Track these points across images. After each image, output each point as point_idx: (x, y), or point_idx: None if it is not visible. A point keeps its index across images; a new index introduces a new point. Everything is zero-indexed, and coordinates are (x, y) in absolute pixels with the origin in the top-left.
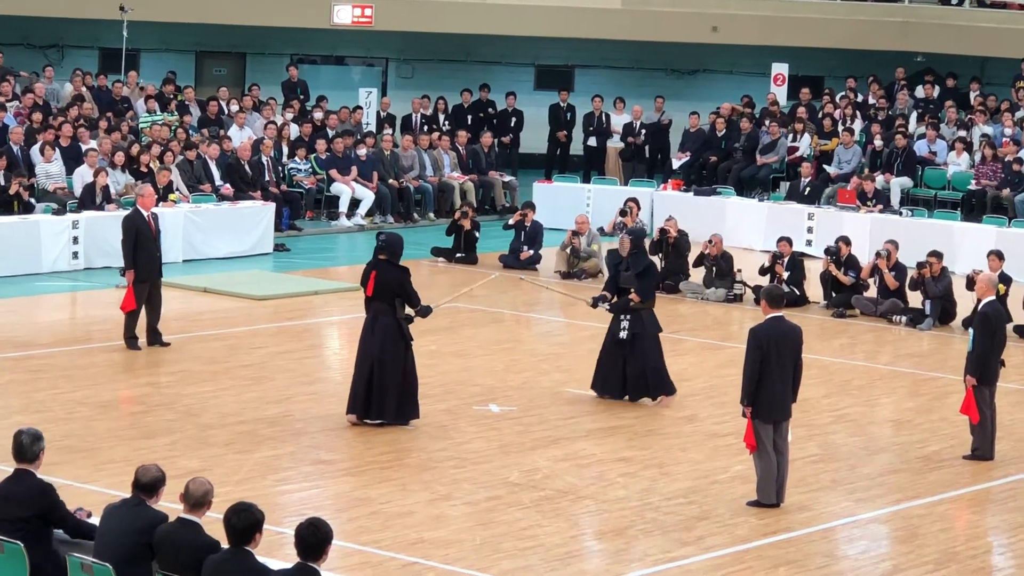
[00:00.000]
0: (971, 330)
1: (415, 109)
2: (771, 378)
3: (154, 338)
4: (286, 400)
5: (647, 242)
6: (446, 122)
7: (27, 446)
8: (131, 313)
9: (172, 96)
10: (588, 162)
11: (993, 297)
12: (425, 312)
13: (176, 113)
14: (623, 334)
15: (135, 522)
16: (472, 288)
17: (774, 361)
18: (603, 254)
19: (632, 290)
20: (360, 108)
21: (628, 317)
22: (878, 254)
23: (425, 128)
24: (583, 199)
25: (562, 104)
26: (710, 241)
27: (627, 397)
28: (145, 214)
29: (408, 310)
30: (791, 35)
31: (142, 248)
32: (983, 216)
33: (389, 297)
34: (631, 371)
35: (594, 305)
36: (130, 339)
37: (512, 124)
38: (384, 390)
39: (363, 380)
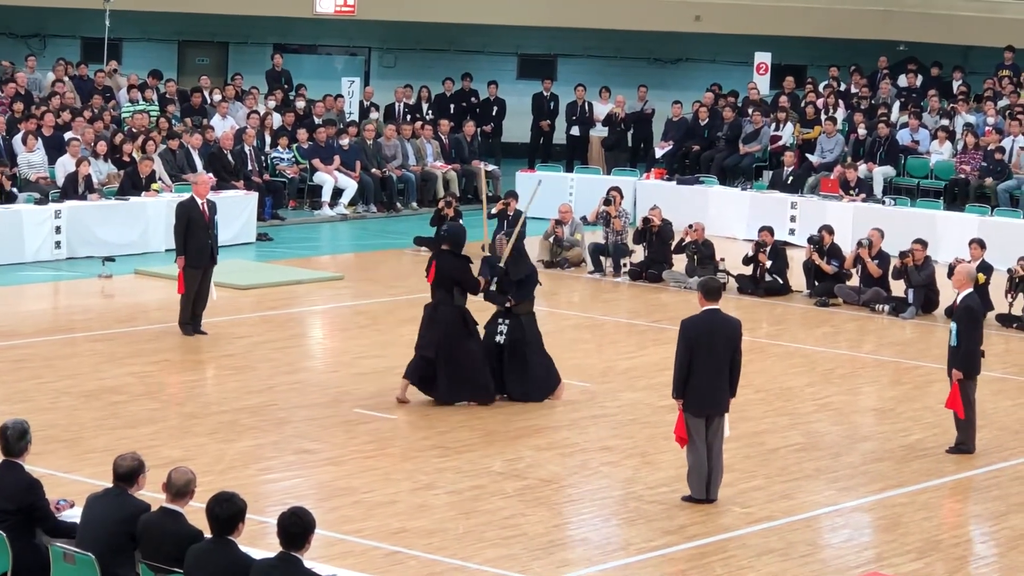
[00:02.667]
0: (953, 324)
1: (398, 98)
2: (701, 372)
3: (196, 325)
4: (269, 390)
5: (631, 231)
6: (429, 111)
7: (13, 442)
8: (184, 297)
9: (154, 88)
10: (571, 151)
11: (971, 289)
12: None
13: (155, 103)
14: (499, 338)
15: (117, 512)
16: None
17: (704, 354)
18: (586, 243)
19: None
20: (342, 97)
21: (506, 322)
22: (860, 243)
23: (408, 118)
24: (566, 188)
25: (545, 93)
26: (691, 227)
27: (506, 396)
28: (199, 202)
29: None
30: (774, 24)
31: (193, 235)
32: (965, 205)
33: (448, 285)
34: (510, 376)
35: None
36: (184, 325)
37: (494, 113)
38: (450, 372)
39: (428, 360)
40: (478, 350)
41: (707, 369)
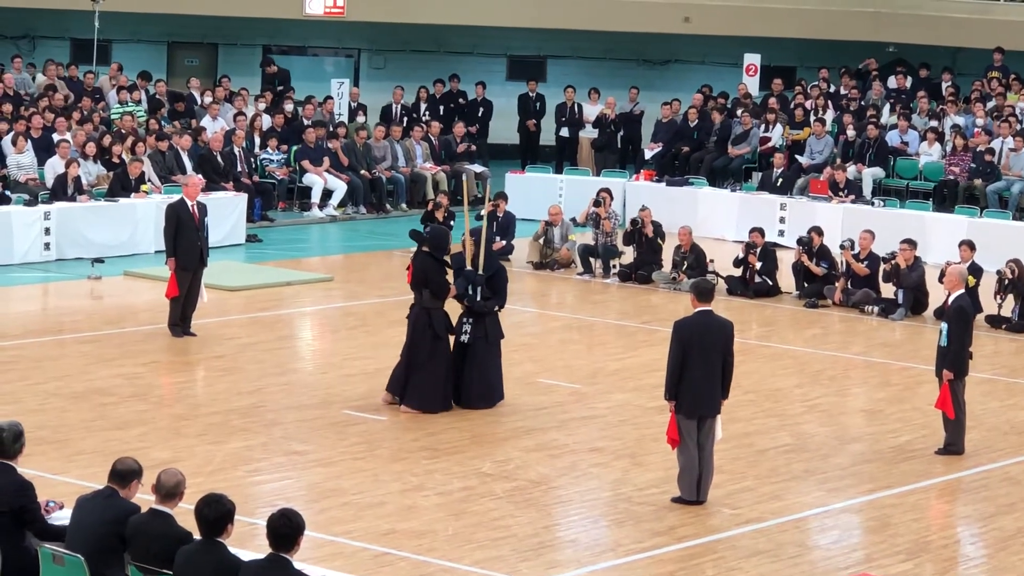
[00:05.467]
0: (944, 324)
1: (396, 100)
2: (693, 373)
3: (185, 326)
4: (258, 391)
5: (621, 232)
6: (426, 112)
7: (8, 444)
8: (175, 300)
9: (143, 89)
10: (560, 152)
11: (963, 290)
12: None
13: (142, 104)
14: (464, 338)
15: (107, 513)
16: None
17: (697, 356)
18: (576, 244)
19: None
20: (331, 99)
21: (470, 320)
22: (842, 245)
23: (405, 120)
24: (555, 189)
25: (531, 94)
26: (679, 246)
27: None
28: (189, 203)
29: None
30: (763, 26)
31: (183, 237)
32: (955, 206)
33: (421, 287)
34: (472, 378)
35: (462, 299)
36: (173, 326)
37: (480, 114)
38: (410, 375)
39: (403, 364)
40: (440, 357)
41: (700, 371)
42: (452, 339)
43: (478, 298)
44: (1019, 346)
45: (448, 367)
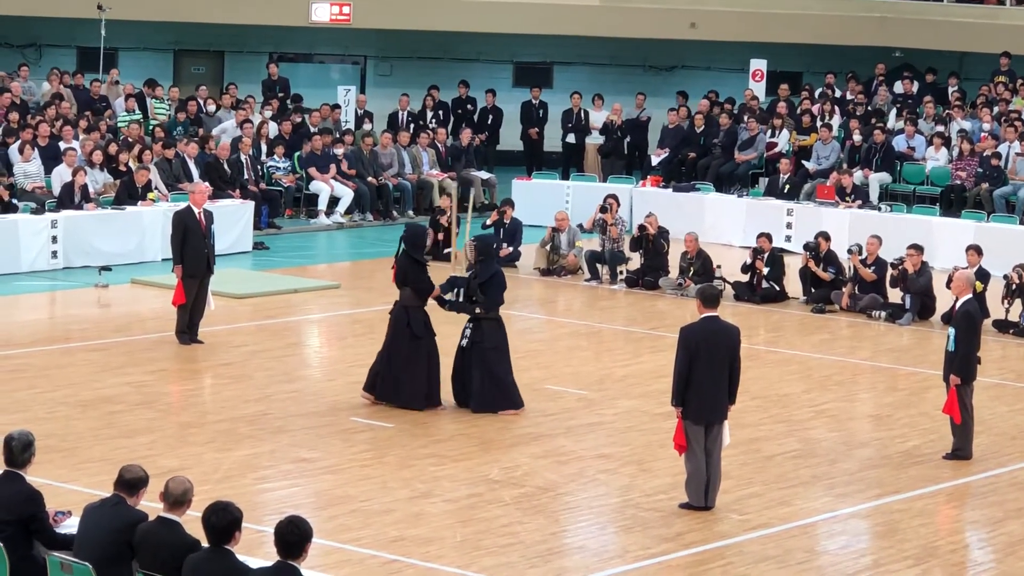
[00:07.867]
0: (951, 329)
1: (403, 107)
2: (700, 379)
3: (193, 334)
4: (265, 398)
5: (628, 238)
6: (432, 119)
7: (17, 453)
8: (182, 308)
9: (153, 96)
10: (567, 159)
11: (971, 295)
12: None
13: (170, 108)
14: (464, 342)
15: (115, 521)
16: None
17: (704, 362)
18: (583, 251)
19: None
20: (339, 106)
21: (471, 325)
22: (850, 250)
23: (411, 126)
24: (562, 196)
25: (534, 101)
26: (685, 252)
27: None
28: (196, 211)
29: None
30: (770, 31)
31: (190, 244)
32: (962, 211)
33: (403, 285)
34: (472, 381)
35: (442, 301)
36: (181, 334)
37: (490, 121)
38: (390, 373)
39: (381, 362)
40: (420, 357)
41: (707, 376)
42: (449, 340)
43: (459, 299)
44: None
45: (430, 366)
